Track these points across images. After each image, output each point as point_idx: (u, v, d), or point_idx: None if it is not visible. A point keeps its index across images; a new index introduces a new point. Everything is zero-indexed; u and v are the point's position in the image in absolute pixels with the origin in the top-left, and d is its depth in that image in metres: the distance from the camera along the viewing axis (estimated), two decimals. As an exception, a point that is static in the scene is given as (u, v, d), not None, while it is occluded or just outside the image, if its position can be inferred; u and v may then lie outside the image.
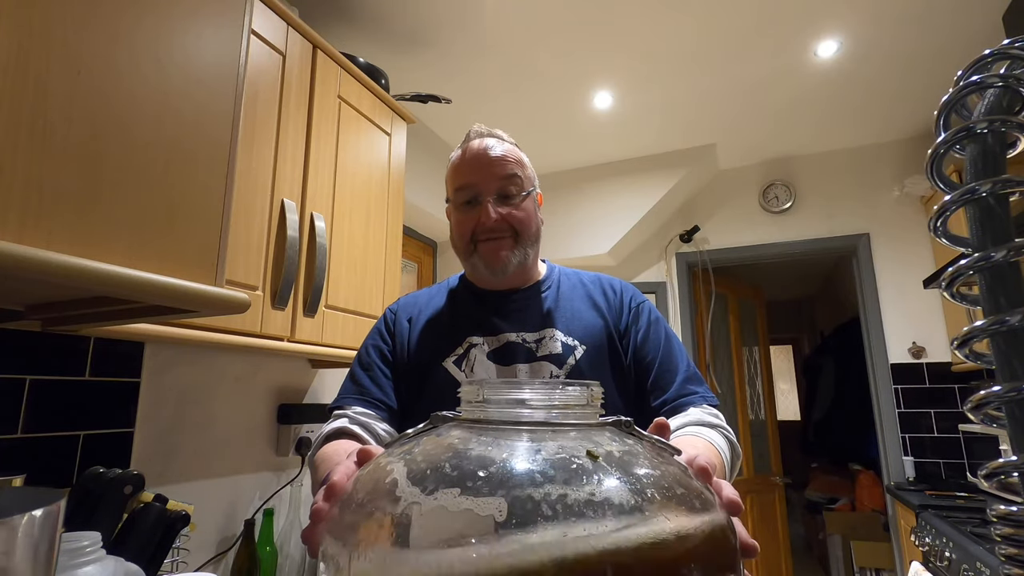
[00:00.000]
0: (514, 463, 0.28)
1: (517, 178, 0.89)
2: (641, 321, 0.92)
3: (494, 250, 0.88)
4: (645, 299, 0.96)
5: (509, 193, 0.88)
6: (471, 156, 0.90)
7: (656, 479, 0.30)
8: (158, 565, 0.93)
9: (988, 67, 0.32)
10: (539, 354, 0.87)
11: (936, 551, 1.85)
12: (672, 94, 2.46)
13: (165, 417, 1.23)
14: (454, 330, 0.91)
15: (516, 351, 0.87)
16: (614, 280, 0.98)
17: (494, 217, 0.87)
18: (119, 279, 0.60)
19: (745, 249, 3.15)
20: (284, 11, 1.22)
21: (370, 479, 0.32)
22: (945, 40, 2.10)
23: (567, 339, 0.88)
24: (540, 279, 0.97)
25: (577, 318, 0.91)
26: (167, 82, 0.68)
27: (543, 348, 0.87)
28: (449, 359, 0.88)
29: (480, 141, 0.91)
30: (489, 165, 0.88)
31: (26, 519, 0.42)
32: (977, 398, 0.30)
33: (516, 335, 0.89)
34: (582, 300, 0.94)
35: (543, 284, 0.96)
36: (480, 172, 0.88)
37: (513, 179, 0.89)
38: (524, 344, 0.88)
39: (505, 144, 0.92)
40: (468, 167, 0.89)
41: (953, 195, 0.31)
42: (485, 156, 0.89)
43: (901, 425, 2.72)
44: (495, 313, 0.92)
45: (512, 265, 0.89)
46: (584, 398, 0.34)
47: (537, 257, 0.98)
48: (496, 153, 0.89)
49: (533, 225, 0.92)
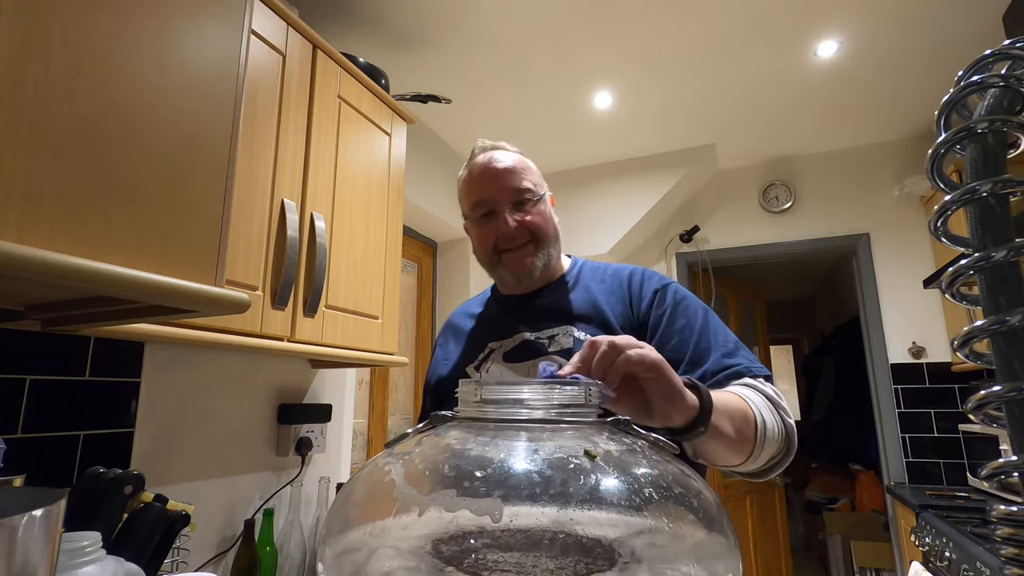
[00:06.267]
0: (512, 463, 0.28)
1: (528, 185, 0.92)
2: (666, 303, 0.87)
3: (518, 259, 0.91)
4: (672, 282, 0.92)
5: (523, 200, 0.91)
6: (480, 171, 0.93)
7: (654, 478, 0.29)
8: (158, 565, 0.93)
9: (989, 67, 0.32)
10: (551, 350, 0.86)
11: (936, 551, 1.85)
12: (672, 94, 2.46)
13: (165, 417, 1.23)
14: (479, 338, 0.94)
15: (531, 349, 0.88)
16: (639, 269, 0.95)
17: (513, 225, 0.90)
18: (119, 279, 0.60)
19: (745, 249, 3.15)
20: (284, 11, 1.22)
21: (368, 480, 0.32)
22: (945, 40, 2.09)
23: (580, 334, 0.87)
24: (563, 274, 0.98)
25: (596, 311, 0.89)
26: (167, 82, 0.68)
27: (555, 344, 0.86)
28: (471, 365, 0.91)
29: (486, 155, 0.94)
30: (499, 177, 0.91)
31: (26, 519, 0.42)
32: (977, 398, 0.30)
33: (532, 334, 0.89)
34: (605, 293, 0.92)
35: (565, 280, 0.96)
36: (492, 185, 0.91)
37: (524, 187, 0.91)
38: (538, 341, 0.88)
39: (511, 154, 0.95)
40: (479, 182, 0.93)
41: (954, 195, 0.31)
42: (494, 169, 0.92)
43: (901, 425, 2.72)
44: (518, 316, 0.93)
45: (538, 270, 0.92)
46: (582, 397, 0.34)
47: (560, 255, 0.99)
48: (504, 165, 0.92)
49: (551, 227, 0.94)
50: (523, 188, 0.91)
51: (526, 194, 0.91)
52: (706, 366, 0.79)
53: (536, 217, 0.91)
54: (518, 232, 0.90)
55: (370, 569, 0.28)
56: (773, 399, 0.76)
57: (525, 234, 0.91)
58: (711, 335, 0.83)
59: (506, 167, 0.92)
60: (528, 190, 0.92)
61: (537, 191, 0.93)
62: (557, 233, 0.96)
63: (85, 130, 0.59)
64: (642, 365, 0.55)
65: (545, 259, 0.93)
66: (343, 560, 0.30)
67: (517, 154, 0.96)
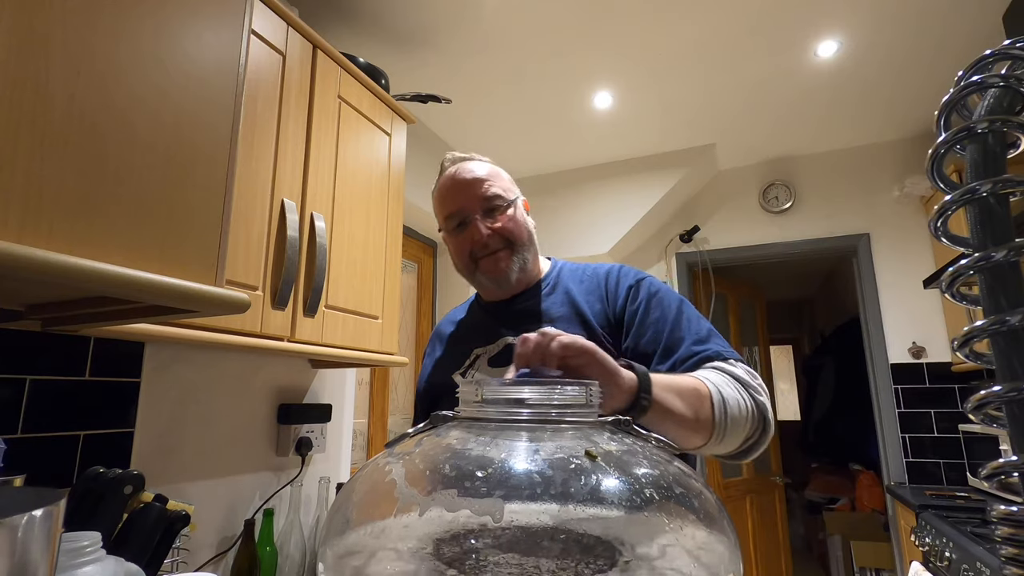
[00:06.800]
0: (513, 463, 0.28)
1: (497, 191, 0.94)
2: (640, 298, 0.88)
3: (494, 264, 0.92)
4: (647, 276, 0.93)
5: (493, 207, 0.93)
6: (449, 184, 0.95)
7: (655, 478, 0.29)
8: (158, 565, 0.93)
9: (989, 67, 0.32)
10: None
11: (936, 551, 1.85)
12: (672, 94, 2.46)
13: (165, 417, 1.23)
14: (464, 345, 0.95)
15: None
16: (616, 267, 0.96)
17: (485, 232, 0.91)
18: (119, 279, 0.60)
19: (745, 249, 3.15)
20: (284, 11, 1.22)
21: (368, 481, 0.32)
22: (945, 40, 2.09)
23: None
24: (542, 277, 0.99)
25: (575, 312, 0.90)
26: (167, 82, 0.68)
27: None
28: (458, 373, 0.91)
29: (454, 168, 0.97)
30: (468, 187, 0.93)
31: (26, 519, 0.42)
32: (977, 398, 0.30)
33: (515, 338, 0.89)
34: (583, 293, 0.93)
35: (543, 283, 0.97)
36: (462, 195, 0.93)
37: (493, 194, 0.93)
38: None
39: (479, 164, 0.97)
40: (450, 194, 0.95)
41: (954, 195, 0.31)
42: (462, 180, 0.94)
43: (901, 425, 2.72)
44: (500, 322, 0.94)
45: (514, 273, 0.93)
46: (583, 398, 0.34)
47: (537, 258, 0.99)
48: (472, 175, 0.94)
49: (524, 231, 0.95)
50: (492, 195, 0.93)
51: (496, 201, 0.93)
52: (677, 354, 0.80)
53: (508, 222, 0.93)
54: (492, 238, 0.92)
55: (371, 570, 0.28)
56: (743, 379, 0.76)
57: (499, 240, 0.92)
58: (684, 324, 0.84)
59: (475, 177, 0.94)
60: (498, 196, 0.93)
61: (507, 196, 0.94)
62: (532, 236, 0.97)
63: (85, 130, 0.59)
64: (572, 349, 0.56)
65: (521, 262, 0.94)
66: (344, 561, 0.30)
67: (486, 163, 0.98)
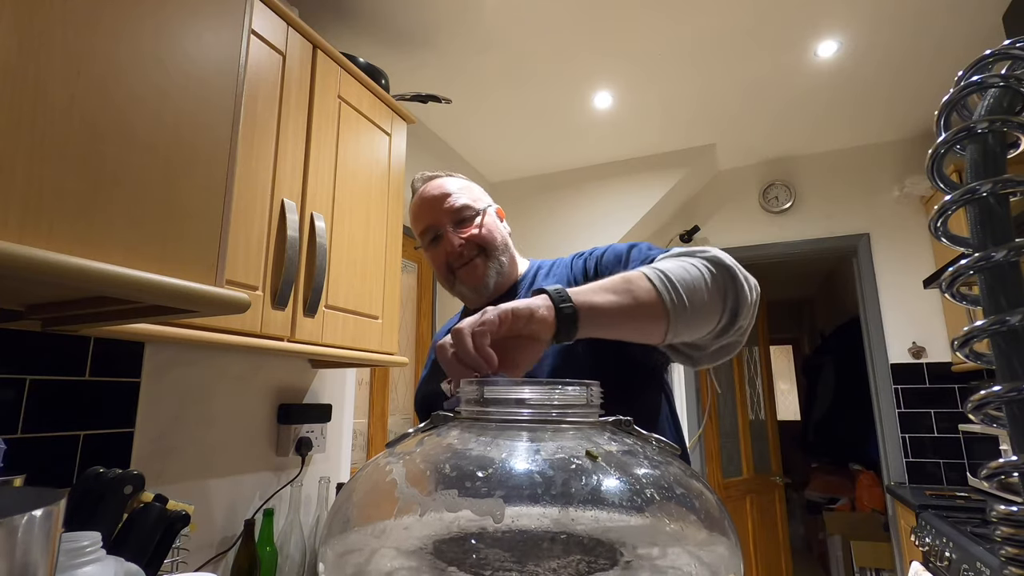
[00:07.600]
0: (513, 463, 0.28)
1: (466, 202, 0.97)
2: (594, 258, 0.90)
3: (471, 272, 0.95)
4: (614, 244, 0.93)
5: (463, 218, 0.96)
6: (420, 201, 0.99)
7: (655, 479, 0.29)
8: (158, 565, 0.93)
9: (989, 67, 0.32)
10: None
11: (936, 551, 1.85)
12: (672, 94, 2.46)
13: (165, 417, 1.23)
14: None
15: None
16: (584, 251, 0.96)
17: (458, 243, 0.94)
18: (119, 279, 0.60)
19: (745, 249, 3.14)
20: (284, 11, 1.22)
21: (369, 481, 0.32)
22: (945, 40, 2.09)
23: None
24: (517, 280, 1.01)
25: None
26: (167, 82, 0.68)
27: None
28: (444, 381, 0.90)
29: (424, 187, 1.00)
30: (437, 202, 0.97)
31: (26, 519, 0.42)
32: (977, 398, 0.30)
33: None
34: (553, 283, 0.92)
35: (520, 285, 1.00)
36: (432, 211, 0.97)
37: (462, 204, 0.96)
38: None
39: (447, 179, 1.00)
40: (421, 211, 0.99)
41: (954, 195, 0.31)
42: (431, 197, 0.98)
43: (901, 425, 2.72)
44: None
45: (492, 279, 0.96)
46: (583, 398, 0.34)
47: (514, 262, 1.01)
48: (440, 190, 0.98)
49: (498, 237, 0.98)
50: (461, 207, 0.96)
51: (465, 211, 0.96)
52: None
53: (480, 230, 0.96)
54: (465, 247, 0.95)
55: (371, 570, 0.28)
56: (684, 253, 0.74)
57: (472, 248, 0.95)
58: (634, 254, 0.86)
59: (442, 192, 0.97)
60: (466, 207, 0.96)
61: (476, 206, 0.97)
62: (506, 241, 1.00)
63: (85, 130, 0.59)
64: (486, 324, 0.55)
65: (497, 267, 0.96)
66: (344, 561, 0.30)
67: (456, 178, 1.01)
